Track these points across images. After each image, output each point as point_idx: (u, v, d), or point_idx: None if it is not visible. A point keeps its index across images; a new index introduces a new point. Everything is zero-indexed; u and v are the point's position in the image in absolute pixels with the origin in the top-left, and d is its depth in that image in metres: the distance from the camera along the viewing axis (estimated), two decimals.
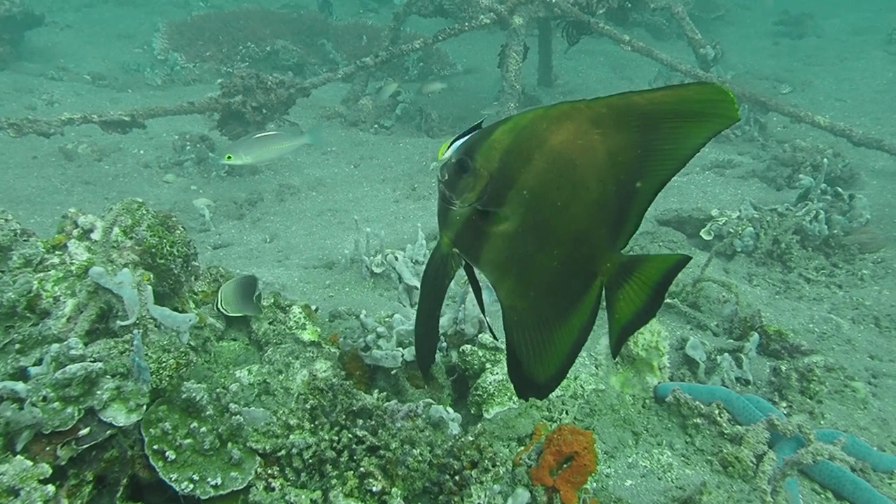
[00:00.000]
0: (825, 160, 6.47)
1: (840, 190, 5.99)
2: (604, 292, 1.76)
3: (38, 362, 2.39)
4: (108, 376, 2.16)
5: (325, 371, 3.06)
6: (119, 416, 2.15)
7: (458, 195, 1.68)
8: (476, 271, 1.89)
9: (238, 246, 6.13)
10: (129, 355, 2.28)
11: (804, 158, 7.17)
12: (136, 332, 2.20)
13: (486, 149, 1.64)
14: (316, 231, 6.39)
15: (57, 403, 2.04)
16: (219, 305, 3.23)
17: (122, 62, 11.01)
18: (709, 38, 10.16)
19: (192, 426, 2.36)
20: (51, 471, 1.95)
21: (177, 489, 2.26)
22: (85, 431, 2.09)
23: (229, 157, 5.92)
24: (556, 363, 1.80)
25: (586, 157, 1.61)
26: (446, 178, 1.68)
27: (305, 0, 15.67)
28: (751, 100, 8.40)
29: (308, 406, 2.59)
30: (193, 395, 2.36)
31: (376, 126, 9.60)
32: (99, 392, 2.12)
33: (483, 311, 1.96)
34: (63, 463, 2.08)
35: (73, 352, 2.15)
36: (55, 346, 2.24)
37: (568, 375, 3.37)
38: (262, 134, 6.13)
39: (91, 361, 2.16)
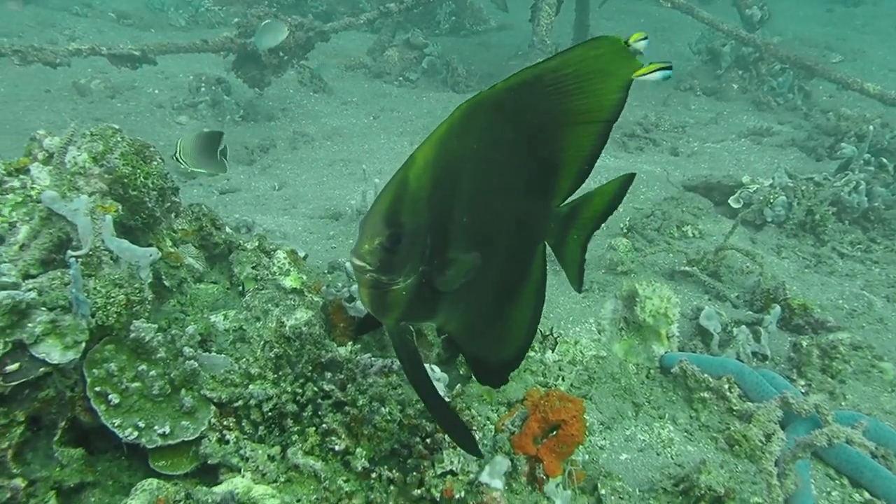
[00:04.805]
0: (871, 128, 6.03)
1: (885, 161, 5.58)
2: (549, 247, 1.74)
3: None
4: (42, 308, 1.97)
5: (300, 319, 2.84)
6: (53, 353, 1.96)
7: (400, 271, 1.48)
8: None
9: (245, 192, 5.94)
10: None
11: (849, 128, 6.74)
12: (73, 261, 2.00)
13: (411, 203, 1.45)
14: (326, 181, 6.17)
15: None
16: (177, 156, 2.97)
17: (147, 1, 10.81)
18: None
19: (140, 369, 2.16)
20: None
21: (120, 436, 2.08)
22: (13, 367, 1.90)
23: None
24: (522, 334, 1.76)
25: (504, 145, 1.53)
26: (378, 263, 1.45)
27: None
28: (796, 64, 7.93)
29: (272, 355, 2.38)
30: (142, 334, 2.16)
31: (401, 79, 9.30)
32: (30, 325, 1.93)
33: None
34: None
35: (3, 278, 1.96)
36: None
37: (568, 340, 3.13)
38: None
39: (26, 291, 1.96)
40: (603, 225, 1.77)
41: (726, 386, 3.00)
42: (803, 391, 3.20)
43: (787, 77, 8.47)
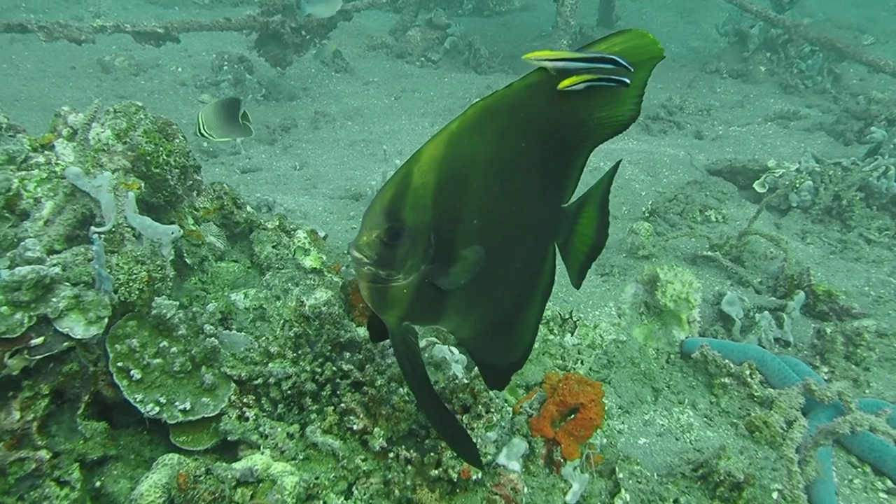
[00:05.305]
0: None
1: None
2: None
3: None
4: (66, 283, 1.99)
5: (319, 299, 2.85)
6: (77, 328, 1.98)
7: (399, 267, 1.42)
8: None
9: (266, 171, 5.95)
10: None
11: (879, 111, 6.60)
12: (97, 237, 2.01)
13: (413, 199, 1.39)
14: (346, 161, 6.17)
15: (4, 308, 1.87)
16: (201, 130, 2.97)
17: None
18: None
19: (161, 345, 2.18)
20: None
21: (141, 411, 2.10)
22: (38, 340, 1.93)
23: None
24: (529, 335, 1.72)
25: (521, 147, 1.46)
26: (376, 256, 1.41)
27: None
28: (826, 46, 7.77)
29: (292, 334, 2.39)
30: (164, 311, 2.18)
31: (423, 59, 9.25)
32: (54, 299, 1.95)
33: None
34: (15, 373, 1.92)
35: (28, 253, 1.97)
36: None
37: (587, 324, 3.12)
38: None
39: (50, 266, 1.98)
40: (624, 210, 1.75)
41: (748, 372, 2.98)
42: (826, 378, 3.17)
43: (816, 59, 8.30)
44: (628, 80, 1.41)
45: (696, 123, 7.17)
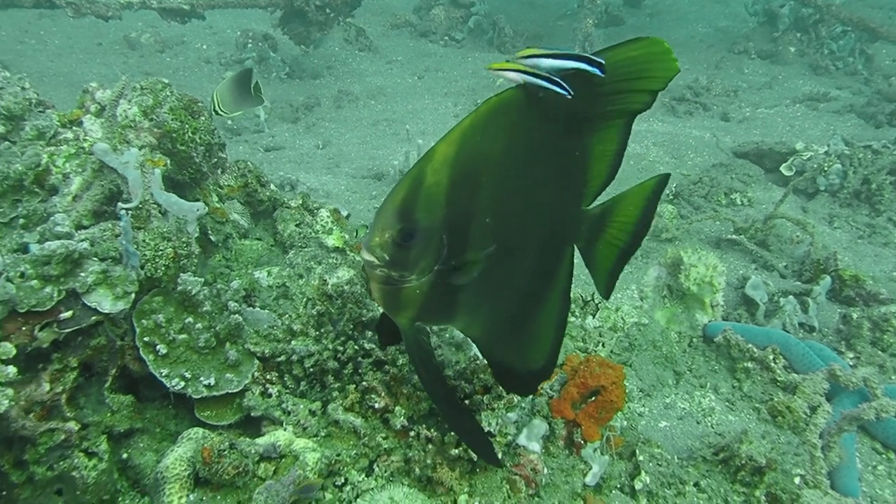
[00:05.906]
0: None
1: None
2: (577, 251, 1.67)
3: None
4: (94, 258, 2.01)
5: (342, 278, 2.86)
6: (104, 303, 2.00)
7: (413, 268, 1.41)
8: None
9: (290, 150, 5.97)
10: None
11: None
12: (124, 213, 2.03)
13: (426, 199, 1.37)
14: (369, 140, 6.16)
15: (35, 281, 1.90)
16: (215, 109, 2.99)
17: None
18: None
19: (187, 321, 2.21)
20: (14, 351, 1.82)
21: (167, 385, 2.14)
22: (67, 314, 1.96)
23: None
24: (550, 341, 1.68)
25: (533, 144, 1.45)
26: (388, 258, 1.39)
27: None
28: (858, 26, 7.60)
29: (315, 312, 2.40)
30: (189, 287, 2.20)
31: (446, 38, 9.19)
32: (83, 274, 1.97)
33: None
34: (45, 346, 1.96)
35: (58, 228, 2.00)
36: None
37: (609, 306, 3.10)
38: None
39: (79, 241, 2.01)
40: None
41: (771, 356, 2.95)
42: (852, 364, 3.14)
43: (847, 40, 8.13)
44: (565, 90, 1.38)
45: (723, 105, 7.07)
